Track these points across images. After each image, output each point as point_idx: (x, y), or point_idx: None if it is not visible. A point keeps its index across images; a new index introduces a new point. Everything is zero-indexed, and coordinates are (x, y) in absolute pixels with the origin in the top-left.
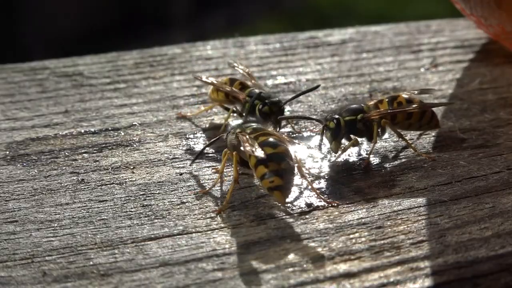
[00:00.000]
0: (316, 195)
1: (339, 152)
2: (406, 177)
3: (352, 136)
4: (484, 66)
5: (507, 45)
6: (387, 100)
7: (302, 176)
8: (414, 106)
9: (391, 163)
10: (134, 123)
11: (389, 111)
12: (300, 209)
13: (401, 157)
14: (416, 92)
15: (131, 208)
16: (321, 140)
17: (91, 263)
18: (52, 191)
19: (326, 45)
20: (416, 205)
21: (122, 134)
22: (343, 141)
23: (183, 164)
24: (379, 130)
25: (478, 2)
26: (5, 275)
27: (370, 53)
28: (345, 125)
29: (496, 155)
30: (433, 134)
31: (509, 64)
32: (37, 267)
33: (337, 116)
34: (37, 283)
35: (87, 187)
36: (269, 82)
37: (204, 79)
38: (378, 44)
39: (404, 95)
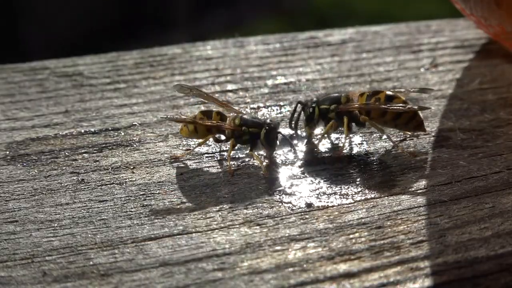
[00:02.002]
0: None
1: (319, 137)
2: (406, 177)
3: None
4: (484, 66)
5: (507, 45)
6: (368, 94)
7: None
8: (388, 105)
9: (391, 163)
10: (134, 123)
11: (361, 106)
12: (300, 209)
13: (401, 157)
14: (414, 90)
15: (131, 208)
16: (292, 120)
17: (91, 263)
18: (52, 191)
19: (326, 45)
20: (416, 205)
21: (122, 134)
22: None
23: (183, 164)
24: (353, 123)
25: (478, 2)
26: (5, 275)
27: (370, 53)
28: (320, 113)
29: (496, 155)
30: (433, 134)
31: (509, 64)
32: (37, 267)
33: (314, 104)
34: (37, 283)
35: (87, 187)
36: (269, 82)
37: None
38: (378, 44)
39: (389, 92)
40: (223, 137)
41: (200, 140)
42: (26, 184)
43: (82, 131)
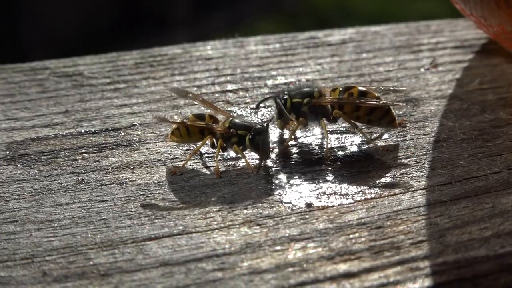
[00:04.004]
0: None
1: (289, 134)
2: (406, 177)
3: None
4: (484, 66)
5: (507, 45)
6: (340, 89)
7: None
8: (362, 100)
9: (391, 163)
10: (134, 123)
11: (335, 100)
12: (300, 209)
13: (401, 157)
14: (386, 88)
15: (131, 208)
16: (277, 114)
17: (91, 263)
18: (52, 191)
19: (326, 45)
20: (416, 205)
21: (122, 134)
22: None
23: (183, 164)
24: (325, 119)
25: (478, 2)
26: (5, 275)
27: (370, 53)
28: (291, 106)
29: (496, 155)
30: (433, 134)
31: (509, 64)
32: (37, 267)
33: (286, 97)
34: (37, 283)
35: (87, 187)
36: (269, 82)
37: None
38: (378, 44)
39: (361, 88)
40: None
41: (200, 143)
42: (26, 184)
43: (82, 131)
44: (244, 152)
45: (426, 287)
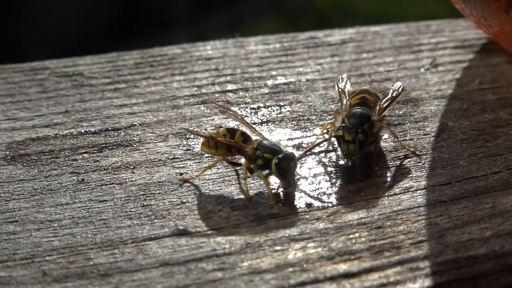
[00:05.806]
0: None
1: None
2: (406, 177)
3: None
4: (484, 66)
5: (507, 45)
6: (354, 93)
7: None
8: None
9: (391, 163)
10: (134, 123)
11: (384, 105)
12: (300, 209)
13: (401, 157)
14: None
15: (131, 208)
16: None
17: (91, 263)
18: (52, 191)
19: (326, 45)
20: (416, 205)
21: (122, 134)
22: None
23: (183, 164)
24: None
25: (478, 2)
26: (5, 275)
27: (370, 53)
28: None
29: (496, 155)
30: (433, 134)
31: (509, 64)
32: (37, 267)
33: (363, 127)
34: (37, 283)
35: (87, 187)
36: (269, 82)
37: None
38: (378, 44)
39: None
40: (240, 160)
41: (212, 162)
42: (26, 184)
43: (82, 131)
44: (268, 179)
45: (426, 287)
